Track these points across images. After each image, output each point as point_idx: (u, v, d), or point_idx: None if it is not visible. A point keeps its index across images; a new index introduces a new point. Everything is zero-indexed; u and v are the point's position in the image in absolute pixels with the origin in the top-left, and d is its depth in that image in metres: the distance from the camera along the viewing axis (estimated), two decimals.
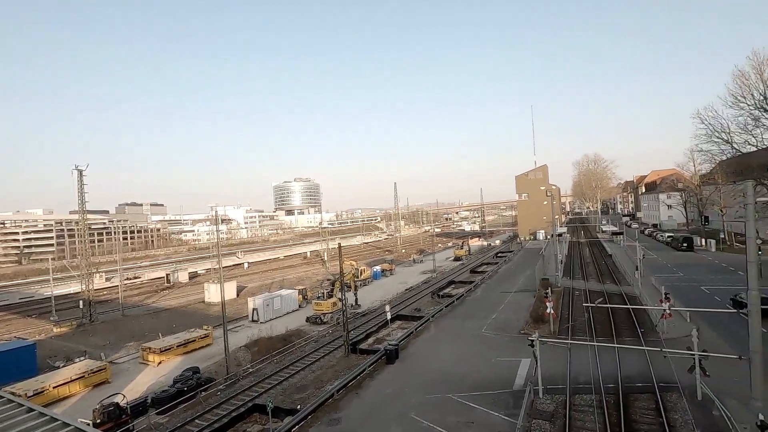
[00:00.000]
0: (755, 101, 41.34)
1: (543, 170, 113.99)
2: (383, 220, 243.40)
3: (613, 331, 29.69)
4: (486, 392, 21.53)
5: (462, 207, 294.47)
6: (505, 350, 27.78)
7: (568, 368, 23.58)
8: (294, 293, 50.84)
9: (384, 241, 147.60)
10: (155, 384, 28.98)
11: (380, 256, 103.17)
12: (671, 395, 19.63)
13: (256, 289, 65.11)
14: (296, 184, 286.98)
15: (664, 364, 22.06)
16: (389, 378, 24.93)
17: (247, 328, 41.97)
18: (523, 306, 39.03)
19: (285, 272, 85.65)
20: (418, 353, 29.01)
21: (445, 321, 37.04)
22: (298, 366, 29.88)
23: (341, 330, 32.95)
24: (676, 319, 29.25)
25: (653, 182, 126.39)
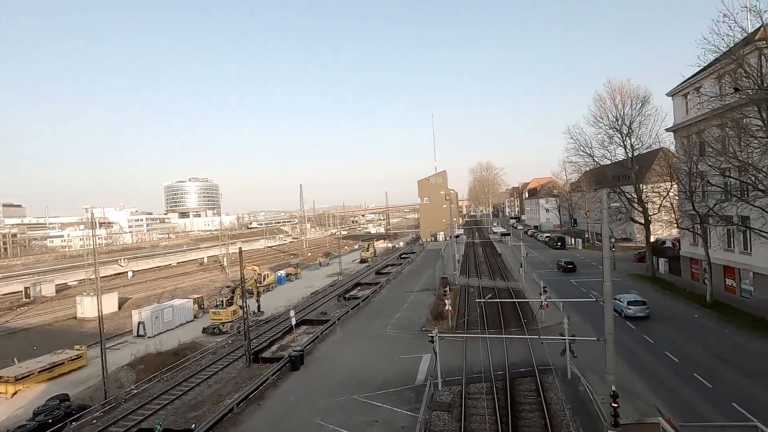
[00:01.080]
0: (610, 122, 49.18)
1: (442, 175, 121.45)
2: (288, 223, 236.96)
3: (502, 323, 32.77)
4: (390, 390, 22.18)
5: (368, 210, 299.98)
6: (408, 348, 28.92)
7: (464, 360, 25.43)
8: (188, 303, 46.86)
9: (289, 245, 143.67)
10: (8, 420, 24.40)
11: (285, 260, 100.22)
12: (548, 376, 22.32)
13: (143, 300, 58.65)
14: (191, 184, 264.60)
15: (542, 350, 25.03)
16: (294, 385, 24.31)
17: (131, 344, 37.53)
18: (425, 304, 41.08)
19: (178, 280, 78.57)
20: (324, 357, 28.79)
21: (351, 323, 37.33)
22: (193, 382, 27.56)
23: (242, 339, 31.25)
24: (552, 309, 33.35)
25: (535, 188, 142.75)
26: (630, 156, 48.44)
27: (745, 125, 26.33)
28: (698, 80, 36.24)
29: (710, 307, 32.91)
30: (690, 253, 42.23)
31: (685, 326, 29.60)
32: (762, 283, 32.37)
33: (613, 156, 51.70)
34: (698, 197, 34.96)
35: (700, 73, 34.78)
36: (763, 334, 26.20)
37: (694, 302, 34.82)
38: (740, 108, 26.10)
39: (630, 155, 48.42)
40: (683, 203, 38.98)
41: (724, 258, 36.19)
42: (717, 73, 30.48)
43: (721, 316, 30.65)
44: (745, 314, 30.09)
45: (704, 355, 24.16)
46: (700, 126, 35.72)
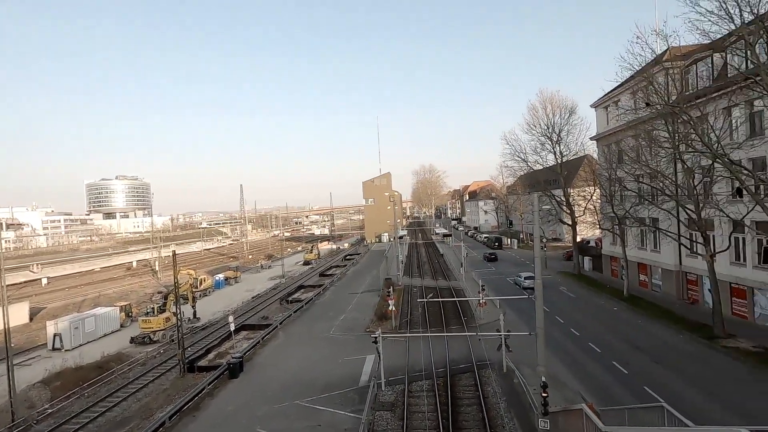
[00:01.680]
0: (542, 129, 52.67)
1: (387, 177, 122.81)
2: (228, 224, 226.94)
3: (443, 322, 33.79)
4: (333, 393, 22.00)
5: (312, 211, 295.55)
6: (352, 349, 28.88)
7: (407, 359, 25.89)
8: (114, 311, 43.35)
9: (229, 247, 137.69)
10: None
11: (224, 263, 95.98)
12: (485, 371, 23.36)
13: (61, 310, 53.36)
14: (118, 182, 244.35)
15: (480, 346, 26.16)
16: (232, 393, 23.33)
17: (45, 359, 34.00)
18: (369, 305, 41.26)
19: (103, 287, 72.47)
20: (266, 363, 27.93)
21: (294, 326, 36.56)
22: (119, 396, 25.55)
23: (176, 348, 29.47)
24: (489, 306, 34.94)
25: (474, 191, 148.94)
26: (559, 162, 52.14)
27: (655, 137, 29.40)
28: (617, 95, 39.91)
29: (626, 300, 36.27)
30: (610, 252, 46.28)
31: (606, 318, 32.38)
32: (668, 278, 36.31)
33: (545, 161, 55.44)
34: (617, 201, 38.47)
35: (618, 88, 38.33)
36: (668, 324, 29.35)
37: (613, 296, 38.18)
38: (651, 121, 29.11)
39: (559, 161, 52.11)
40: (604, 206, 42.65)
41: (638, 256, 40.10)
42: (632, 89, 33.76)
43: (635, 309, 33.88)
44: (655, 306, 33.54)
45: (621, 344, 26.57)
46: (618, 136, 39.31)
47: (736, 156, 24.26)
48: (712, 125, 23.72)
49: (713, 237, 28.28)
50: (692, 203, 27.01)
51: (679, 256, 34.52)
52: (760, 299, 27.09)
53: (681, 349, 25.07)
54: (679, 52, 30.09)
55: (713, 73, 28.34)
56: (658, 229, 33.44)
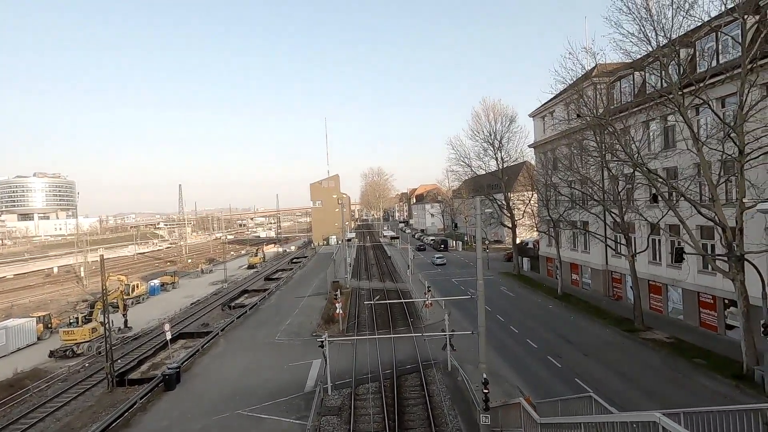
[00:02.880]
0: (485, 136, 55.05)
1: (335, 179, 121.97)
2: (166, 226, 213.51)
3: (390, 323, 34.09)
4: (278, 400, 21.39)
5: (258, 213, 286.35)
6: (298, 354, 28.28)
7: (354, 362, 25.78)
8: (29, 322, 39.23)
9: (166, 251, 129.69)
10: None
11: (161, 268, 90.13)
12: (431, 370, 23.85)
13: None
14: (37, 180, 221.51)
15: (426, 346, 26.69)
16: (168, 406, 21.93)
17: None
18: (317, 309, 40.65)
19: (17, 295, 65.24)
20: (205, 373, 26.56)
21: (236, 333, 35.14)
22: (35, 416, 23.14)
23: (104, 360, 27.17)
24: (435, 307, 35.76)
25: (422, 194, 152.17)
26: (500, 167, 54.67)
27: (585, 146, 31.80)
28: (552, 106, 42.62)
29: (560, 298, 38.74)
30: (546, 253, 49.23)
31: (542, 315, 34.36)
32: (596, 276, 39.30)
33: (488, 167, 57.92)
34: (552, 205, 41.06)
35: (553, 99, 40.96)
36: (596, 319, 31.74)
37: (548, 294, 40.61)
38: (581, 131, 31.42)
39: (500, 167, 54.65)
40: (541, 210, 45.32)
41: (570, 256, 43.02)
42: (565, 101, 36.23)
43: (567, 305, 36.28)
44: (585, 303, 36.13)
45: (555, 339, 28.32)
46: (553, 144, 41.99)
47: (653, 165, 26.83)
48: (633, 137, 26.07)
49: (634, 239, 31.00)
50: (617, 208, 29.49)
51: (605, 256, 37.46)
52: (672, 294, 30.09)
53: (607, 341, 27.19)
54: (606, 69, 32.78)
55: (634, 89, 31.15)
56: (587, 231, 36.12)
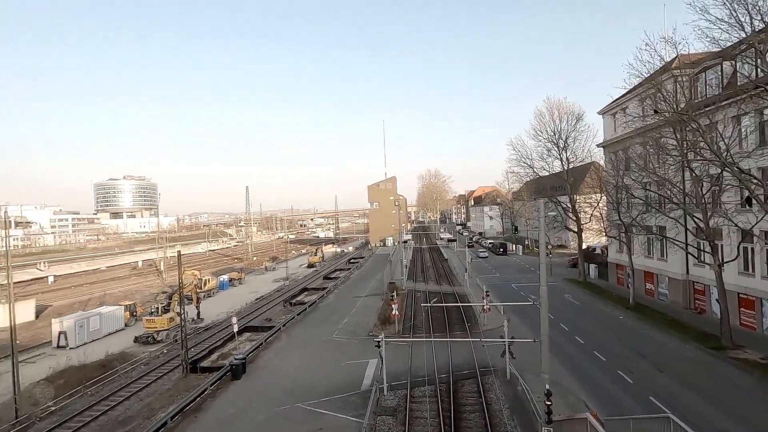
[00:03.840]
0: (548, 136, 52.52)
1: (392, 181, 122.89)
2: (233, 226, 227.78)
3: (447, 327, 33.61)
4: (335, 396, 21.91)
5: (317, 214, 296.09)
6: (355, 353, 28.80)
7: (410, 364, 25.75)
8: (119, 310, 43.56)
9: (234, 249, 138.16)
10: None
11: (229, 265, 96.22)
12: (488, 377, 23.16)
13: (67, 308, 53.66)
14: (126, 182, 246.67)
15: (484, 352, 25.98)
16: (235, 395, 23.31)
17: (49, 356, 34.20)
18: (373, 309, 41.16)
19: (108, 286, 72.84)
20: (268, 365, 27.89)
21: (297, 329, 36.53)
22: (122, 395, 25.64)
23: (179, 348, 29.53)
24: (493, 312, 34.74)
25: (480, 196, 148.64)
26: (565, 168, 51.89)
27: (663, 144, 29.20)
28: (624, 101, 39.71)
29: (632, 309, 35.90)
30: (616, 260, 45.89)
31: (611, 326, 32.06)
32: (675, 287, 35.93)
33: (551, 168, 55.20)
34: (623, 208, 38.18)
35: (626, 95, 38.14)
36: (675, 333, 29.00)
37: (619, 304, 37.81)
38: (659, 129, 28.91)
39: (565, 168, 51.87)
40: (611, 213, 42.34)
41: (644, 264, 39.73)
42: (640, 96, 33.61)
43: (641, 317, 33.52)
44: (661, 315, 33.16)
45: (627, 352, 26.27)
46: (625, 143, 39.08)
47: (746, 165, 24.02)
48: (721, 133, 23.53)
49: (721, 246, 27.96)
50: (700, 212, 26.76)
51: (686, 265, 34.15)
52: None
53: (687, 358, 24.74)
54: (688, 60, 29.89)
55: (722, 81, 28.12)
56: (665, 237, 33.13)
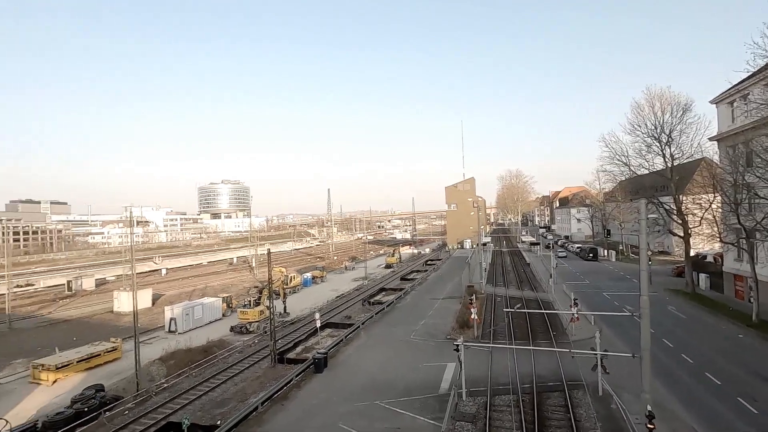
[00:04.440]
0: (648, 130, 47.28)
1: (471, 182, 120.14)
2: (315, 226, 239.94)
3: (529, 335, 31.91)
4: (413, 397, 21.94)
5: (394, 215, 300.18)
6: (432, 355, 28.60)
7: (489, 371, 24.87)
8: (217, 301, 48.06)
9: (315, 248, 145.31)
10: (49, 405, 25.63)
11: (311, 263, 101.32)
12: (577, 392, 21.50)
13: (175, 297, 60.52)
14: (224, 186, 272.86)
15: (572, 364, 24.19)
16: (317, 387, 24.45)
17: (162, 339, 38.79)
18: (451, 312, 40.56)
19: (208, 279, 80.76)
20: (348, 361, 28.83)
21: (375, 328, 37.27)
22: (220, 379, 28.19)
23: (268, 339, 31.75)
24: (582, 322, 32.23)
25: (566, 198, 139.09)
26: (669, 166, 46.43)
27: None
28: (746, 87, 34.43)
29: (756, 326, 30.93)
30: (734, 269, 39.92)
31: (728, 346, 27.92)
32: None
33: (651, 165, 49.66)
34: (744, 210, 33.06)
35: (748, 79, 33.04)
36: None
37: (737, 321, 32.84)
38: None
39: (669, 165, 46.41)
40: (727, 216, 36.95)
41: None
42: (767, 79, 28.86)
43: (767, 337, 28.74)
44: None
45: (748, 376, 22.69)
46: (747, 135, 33.81)
47: None
48: None
49: None
50: None
51: None
52: None
53: None
54: None
55: None
56: None
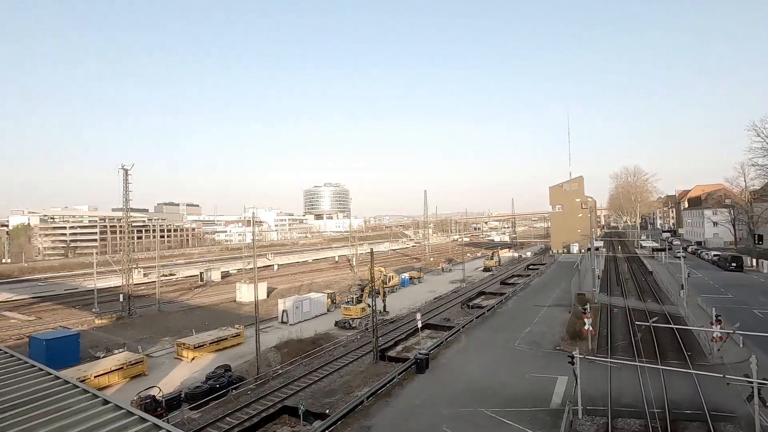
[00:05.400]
0: None
1: (579, 182, 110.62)
2: (410, 227, 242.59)
3: (657, 353, 28.11)
4: (521, 408, 20.74)
5: (491, 217, 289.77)
6: (540, 366, 26.80)
7: (609, 389, 22.45)
8: (323, 297, 51.14)
9: (411, 249, 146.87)
10: (188, 379, 29.67)
11: (408, 264, 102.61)
12: (725, 425, 18.30)
13: (285, 291, 66.03)
14: (326, 189, 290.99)
15: (715, 391, 20.68)
16: (419, 388, 24.48)
17: (276, 329, 42.47)
18: (558, 321, 37.69)
19: (313, 275, 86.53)
20: (449, 364, 28.41)
21: (476, 332, 36.20)
22: (327, 370, 29.89)
23: (370, 336, 32.79)
24: (727, 343, 27.41)
25: (697, 197, 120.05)
26: None
27: None
28: None
29: None
30: None
31: None
32: None
33: None
34: None
35: None
36: None
37: None
38: None
39: None
40: None
41: None
42: None
43: None
44: None
45: None
46: None
47: None
48: None
49: None
50: None
51: None
52: None
53: None
54: None
55: None
56: None
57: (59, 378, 10.39)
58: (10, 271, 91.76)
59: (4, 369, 11.06)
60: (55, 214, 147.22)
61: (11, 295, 63.41)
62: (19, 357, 12.06)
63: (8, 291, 66.30)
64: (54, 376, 10.50)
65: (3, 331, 44.68)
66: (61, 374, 10.64)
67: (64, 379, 10.33)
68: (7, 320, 50.06)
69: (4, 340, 39.80)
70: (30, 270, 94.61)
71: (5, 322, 48.96)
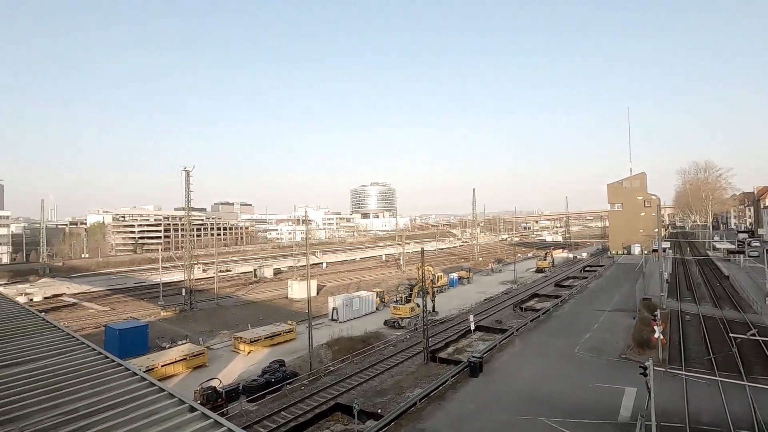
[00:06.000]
0: None
1: (640, 178, 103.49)
2: (458, 226, 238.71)
3: (739, 365, 25.41)
4: (585, 420, 19.46)
5: (542, 216, 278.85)
6: (604, 375, 25.10)
7: (686, 404, 20.55)
8: (372, 295, 51.28)
9: (459, 248, 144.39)
10: (245, 372, 30.75)
11: (455, 263, 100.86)
12: None
13: (335, 289, 67.04)
14: (372, 188, 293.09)
15: None
16: (473, 392, 23.74)
17: (327, 326, 43.11)
18: (621, 327, 35.28)
19: (361, 274, 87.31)
20: (504, 368, 27.36)
21: (531, 336, 34.68)
22: (378, 369, 29.81)
23: (419, 336, 32.38)
24: None
25: None
26: None
27: None
28: None
29: None
30: None
31: None
32: None
33: None
34: None
35: None
36: None
37: None
38: None
39: None
40: None
41: None
42: None
43: None
44: None
45: None
46: None
47: None
48: None
49: None
50: None
51: None
52: None
53: None
54: None
55: None
56: None
57: (145, 380, 10.59)
58: (88, 265, 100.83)
59: (97, 370, 11.38)
60: (126, 213, 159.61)
61: (90, 287, 69.52)
62: (106, 355, 12.34)
63: (87, 283, 72.78)
64: (140, 377, 10.75)
65: (83, 320, 48.93)
66: (132, 363, 10.70)
67: (150, 381, 10.53)
68: (86, 310, 54.78)
69: (83, 328, 43.49)
70: (105, 264, 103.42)
71: (85, 312, 53.64)
